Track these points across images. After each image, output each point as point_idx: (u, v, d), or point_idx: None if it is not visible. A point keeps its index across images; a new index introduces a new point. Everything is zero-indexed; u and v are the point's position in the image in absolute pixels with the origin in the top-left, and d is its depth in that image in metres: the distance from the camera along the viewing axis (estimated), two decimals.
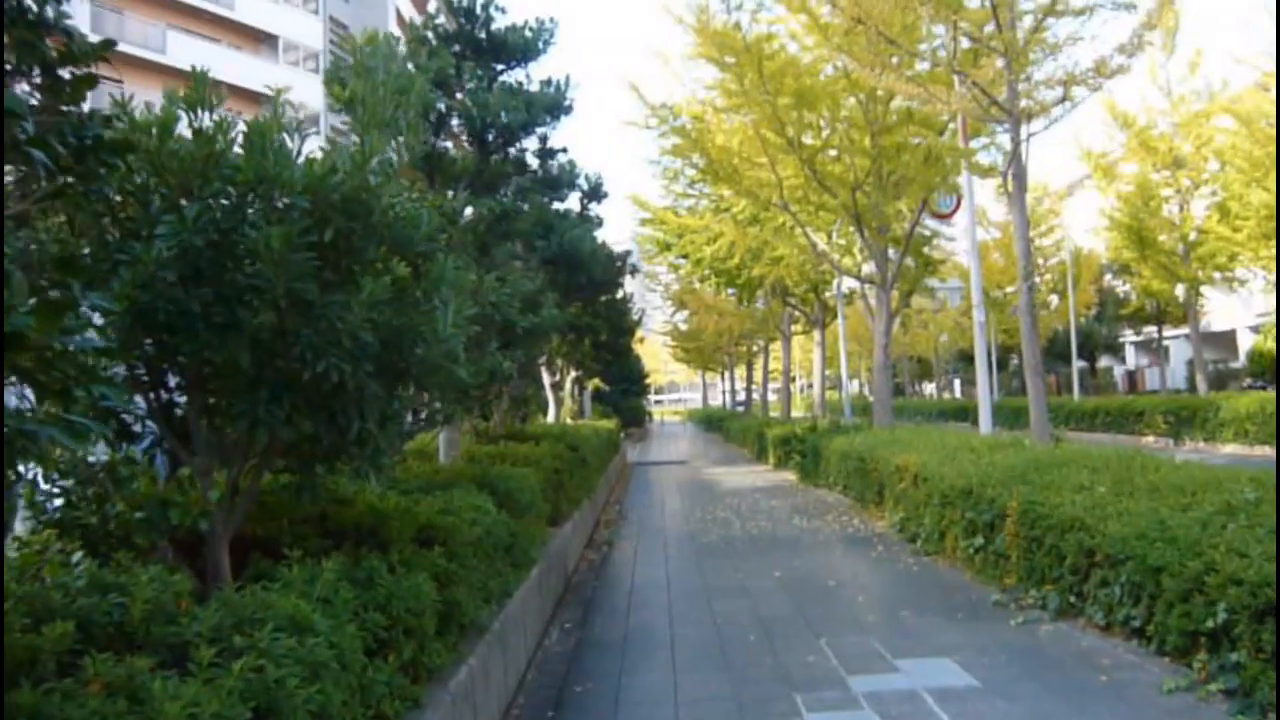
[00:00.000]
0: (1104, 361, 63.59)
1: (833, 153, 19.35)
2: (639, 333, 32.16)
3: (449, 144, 9.92)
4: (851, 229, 21.65)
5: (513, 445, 11.23)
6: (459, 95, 9.66)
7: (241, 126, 3.96)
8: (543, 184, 13.02)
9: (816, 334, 28.19)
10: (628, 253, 16.79)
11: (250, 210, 3.77)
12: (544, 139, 10.02)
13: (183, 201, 3.71)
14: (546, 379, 20.79)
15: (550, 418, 20.88)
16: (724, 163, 19.35)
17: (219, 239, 3.61)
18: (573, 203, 16.81)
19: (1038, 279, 49.13)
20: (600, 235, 18.41)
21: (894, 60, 13.68)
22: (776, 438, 25.48)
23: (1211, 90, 30.06)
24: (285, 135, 4.01)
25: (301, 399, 3.88)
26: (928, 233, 23.66)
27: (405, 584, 4.20)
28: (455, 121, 9.79)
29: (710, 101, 20.23)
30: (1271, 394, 28.71)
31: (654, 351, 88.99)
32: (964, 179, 15.44)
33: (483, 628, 5.49)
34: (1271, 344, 46.61)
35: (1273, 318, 40.87)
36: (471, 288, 6.71)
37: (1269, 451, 24.64)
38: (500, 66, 10.19)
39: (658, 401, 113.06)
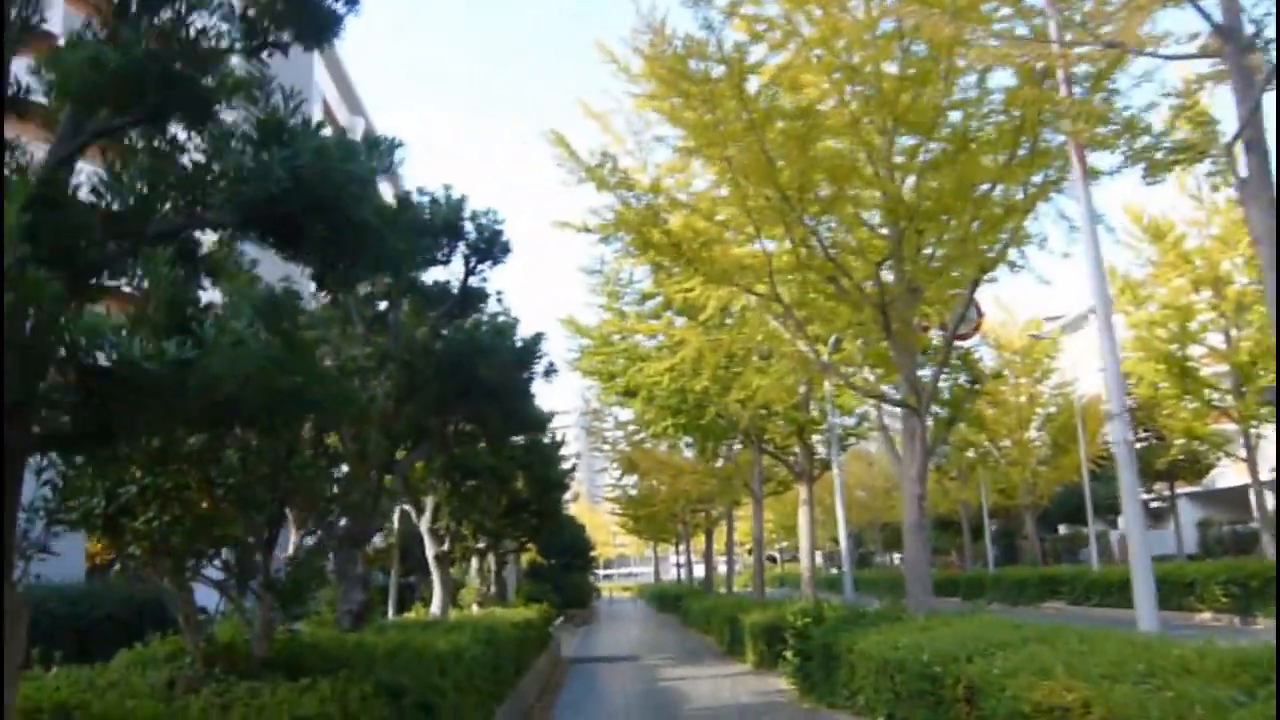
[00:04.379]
0: (1097, 525, 57.70)
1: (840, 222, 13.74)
2: (575, 489, 25.76)
3: None
4: (857, 333, 15.89)
5: (256, 694, 4.93)
6: None
7: None
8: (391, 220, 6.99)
9: (803, 491, 22.00)
10: (541, 335, 10.80)
11: None
12: None
13: None
14: (430, 548, 14.31)
15: (435, 607, 14.30)
16: (689, 239, 13.57)
17: None
18: (455, 267, 10.82)
19: (1035, 433, 43.80)
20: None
21: None
22: (758, 626, 18.94)
23: None
24: None
25: None
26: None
27: None
28: None
29: (669, 165, 14.64)
30: None
31: (601, 522, 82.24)
32: (1077, 182, 9.55)
33: None
34: None
35: None
36: None
37: None
38: None
39: (606, 576, 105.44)
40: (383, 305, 10.66)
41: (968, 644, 9.43)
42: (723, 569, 46.18)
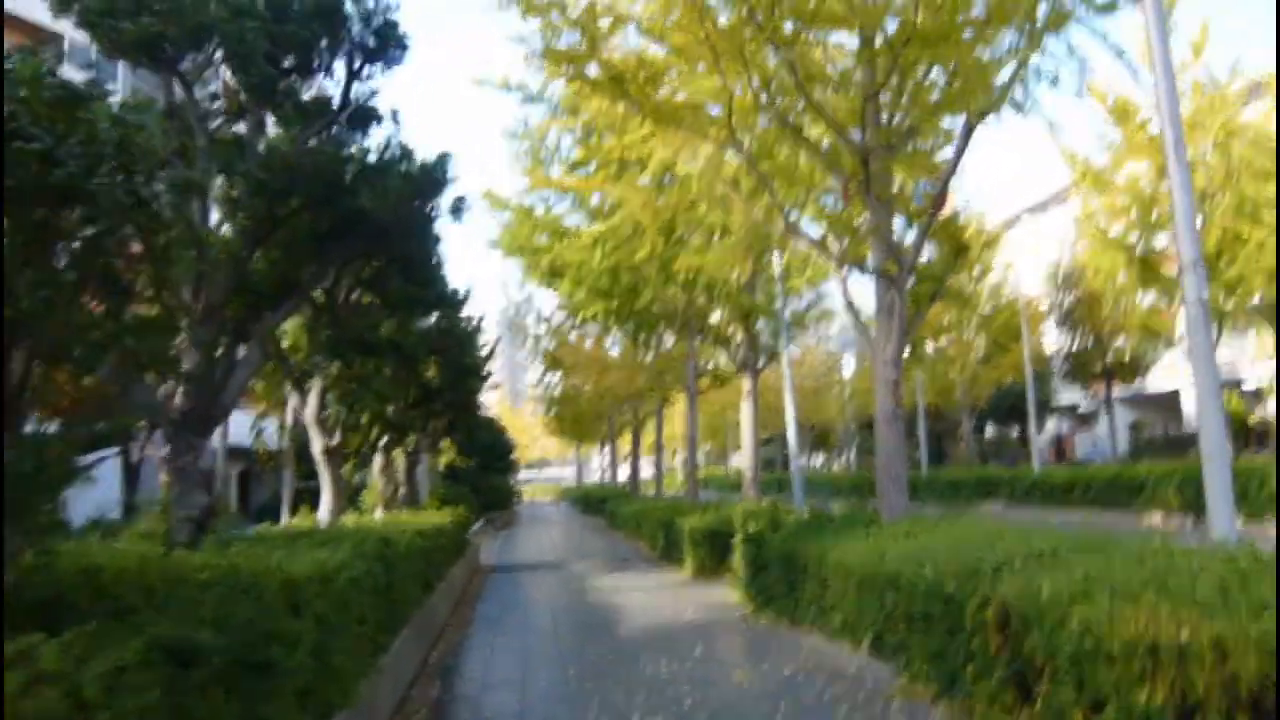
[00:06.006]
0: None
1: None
2: (495, 380, 23.57)
3: None
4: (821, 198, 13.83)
5: None
6: None
7: None
8: None
9: (746, 383, 20.07)
10: (447, 157, 8.39)
11: None
12: None
13: None
14: (316, 442, 12.00)
15: (323, 512, 12.06)
16: (633, 72, 11.17)
17: None
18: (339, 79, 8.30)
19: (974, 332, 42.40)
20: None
21: None
22: (698, 532, 17.12)
23: (1215, 80, 23.81)
24: None
25: None
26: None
27: None
28: None
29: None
30: None
31: (523, 424, 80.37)
32: None
33: None
34: (1237, 404, 40.89)
35: (1269, 376, 34.86)
36: None
37: None
38: None
39: (527, 480, 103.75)
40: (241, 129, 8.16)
41: (984, 555, 7.52)
42: (648, 472, 44.56)
